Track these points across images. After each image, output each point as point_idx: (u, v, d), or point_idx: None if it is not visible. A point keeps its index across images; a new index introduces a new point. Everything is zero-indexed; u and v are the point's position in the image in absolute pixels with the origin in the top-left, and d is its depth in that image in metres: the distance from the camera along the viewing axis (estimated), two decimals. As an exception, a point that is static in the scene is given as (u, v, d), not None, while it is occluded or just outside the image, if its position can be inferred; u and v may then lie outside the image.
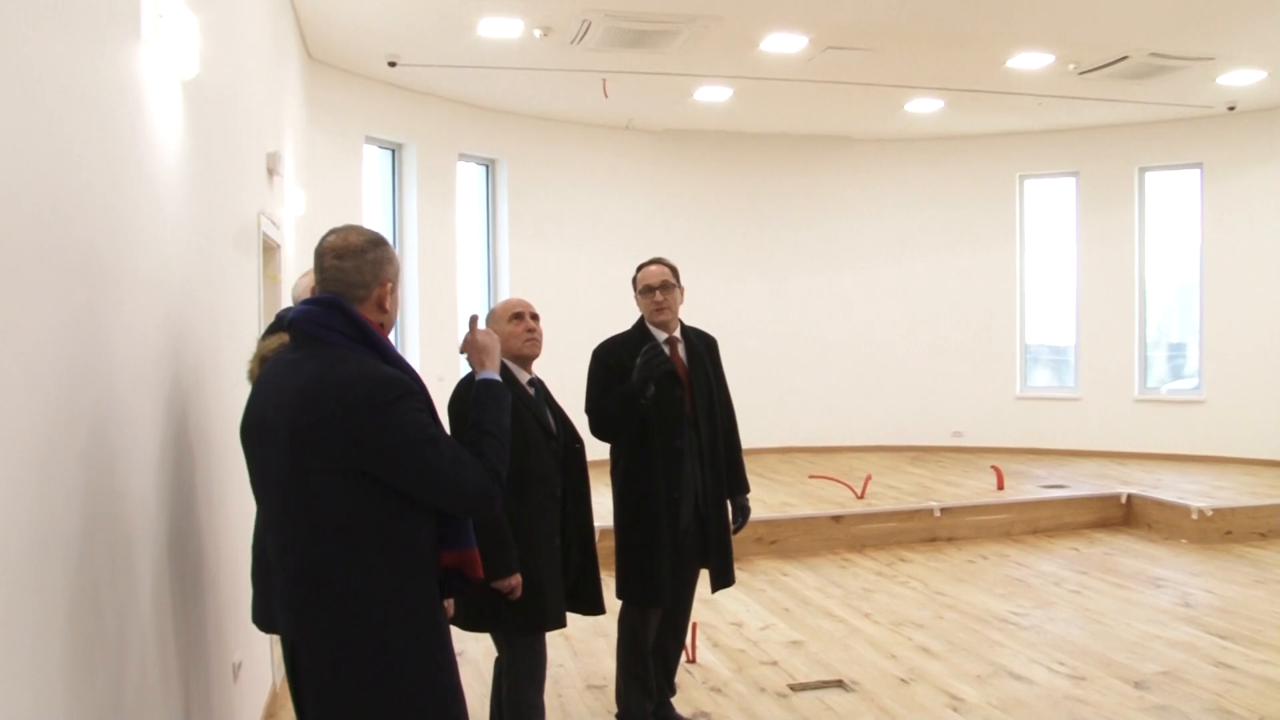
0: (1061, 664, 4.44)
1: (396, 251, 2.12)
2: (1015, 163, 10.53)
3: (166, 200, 2.42)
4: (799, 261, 10.71)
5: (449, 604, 2.13)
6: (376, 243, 1.99)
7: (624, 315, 3.84)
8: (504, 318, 3.15)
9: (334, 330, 1.90)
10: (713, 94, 8.71)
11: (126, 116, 2.03)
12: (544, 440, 3.09)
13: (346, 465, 1.85)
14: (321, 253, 1.98)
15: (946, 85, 8.44)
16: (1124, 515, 7.51)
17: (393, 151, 8.42)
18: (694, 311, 3.76)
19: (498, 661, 3.21)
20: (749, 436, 4.15)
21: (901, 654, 4.61)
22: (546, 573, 3.05)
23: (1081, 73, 7.94)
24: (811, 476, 8.52)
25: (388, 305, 1.98)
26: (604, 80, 7.96)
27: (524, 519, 3.01)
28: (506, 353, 3.11)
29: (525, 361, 3.15)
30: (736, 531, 3.69)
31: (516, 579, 2.95)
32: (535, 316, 3.17)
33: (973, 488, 8.07)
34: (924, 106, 9.20)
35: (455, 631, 4.18)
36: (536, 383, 3.21)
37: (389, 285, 1.98)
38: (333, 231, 2.03)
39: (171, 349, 2.38)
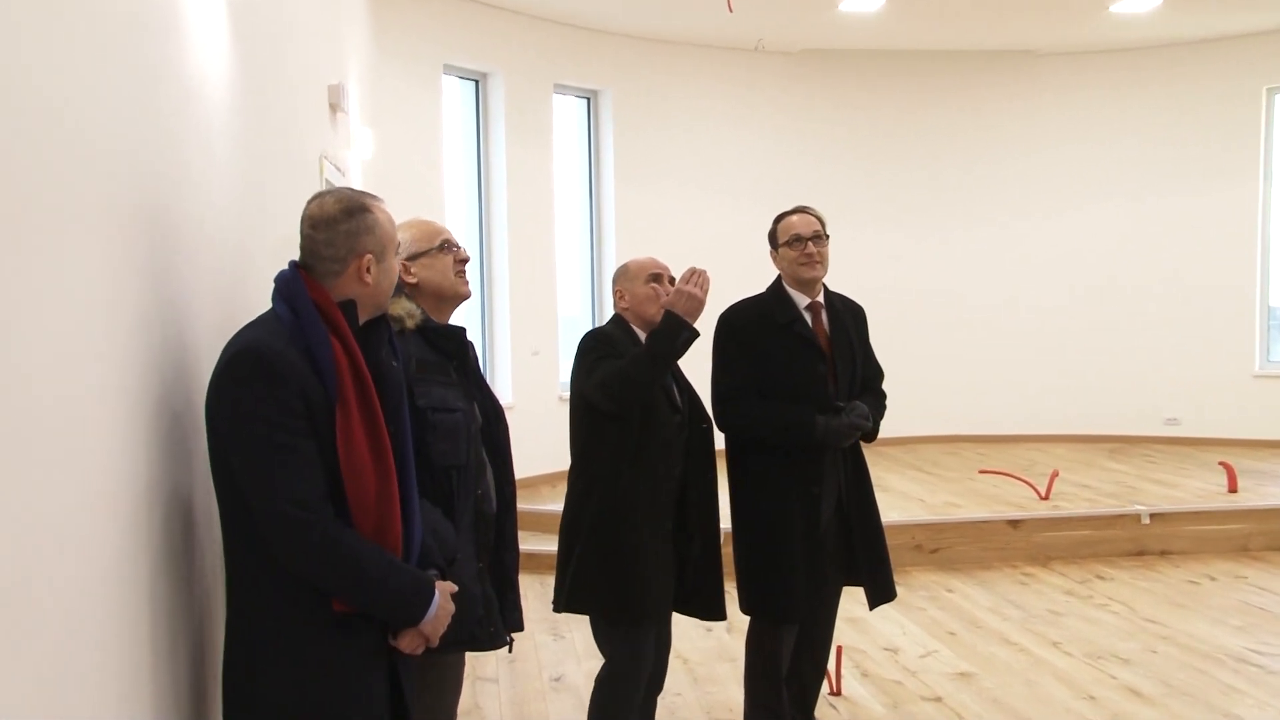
0: (1317, 717, 4.18)
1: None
2: (1262, 73, 9.89)
3: (214, 141, 2.46)
4: (967, 208, 10.45)
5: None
6: (353, 211, 2.12)
7: (752, 274, 3.79)
8: (641, 277, 3.32)
9: (279, 293, 2.09)
10: (860, 3, 8.58)
11: (160, 42, 2.06)
12: (668, 411, 3.25)
13: (211, 437, 2.04)
14: (301, 220, 2.15)
15: (1163, -21, 8.00)
16: (1407, 529, 7.05)
17: (476, 83, 8.54)
18: (834, 272, 3.74)
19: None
20: (902, 425, 4.05)
21: (1102, 695, 4.48)
22: (650, 557, 3.17)
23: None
24: (982, 471, 8.42)
25: (368, 279, 2.12)
26: (727, -10, 7.85)
27: (635, 491, 3.14)
28: (640, 316, 3.30)
29: (653, 327, 3.27)
30: (858, 417, 3.48)
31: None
32: (674, 280, 3.29)
33: (1193, 489, 7.81)
34: (1136, 4, 8.76)
35: (555, 654, 4.13)
36: None
37: (367, 257, 2.11)
38: (316, 196, 2.19)
39: (224, 313, 2.43)
